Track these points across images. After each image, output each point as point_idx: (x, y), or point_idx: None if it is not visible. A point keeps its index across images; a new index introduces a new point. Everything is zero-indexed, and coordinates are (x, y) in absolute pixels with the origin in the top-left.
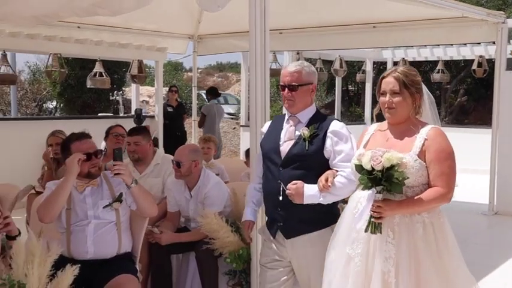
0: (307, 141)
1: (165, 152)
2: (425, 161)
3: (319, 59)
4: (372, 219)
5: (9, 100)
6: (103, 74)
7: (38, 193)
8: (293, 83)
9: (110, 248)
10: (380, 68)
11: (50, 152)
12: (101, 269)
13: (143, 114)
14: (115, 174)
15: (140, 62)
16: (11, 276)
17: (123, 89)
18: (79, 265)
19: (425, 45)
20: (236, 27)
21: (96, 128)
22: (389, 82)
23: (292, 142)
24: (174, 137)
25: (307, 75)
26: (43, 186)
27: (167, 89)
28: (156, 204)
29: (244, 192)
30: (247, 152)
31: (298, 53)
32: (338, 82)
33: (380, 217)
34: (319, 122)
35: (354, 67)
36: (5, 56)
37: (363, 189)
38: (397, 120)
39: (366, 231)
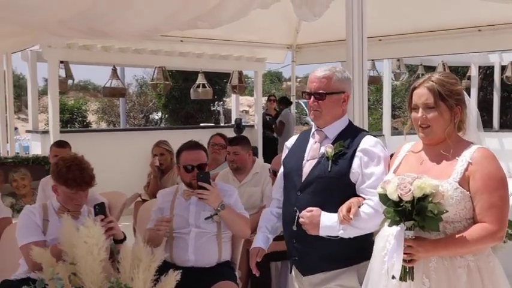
0: (330, 161)
1: (264, 161)
2: (469, 190)
3: (421, 65)
4: (402, 263)
5: (118, 112)
6: (206, 85)
7: (144, 201)
8: (320, 91)
9: (210, 258)
10: (486, 72)
11: (156, 161)
12: (202, 275)
13: (243, 123)
14: (199, 198)
15: (240, 73)
16: (119, 279)
17: (224, 99)
18: (181, 271)
19: None
20: (334, 35)
21: (198, 138)
22: (421, 94)
23: (315, 161)
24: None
25: (338, 82)
26: (149, 193)
27: (266, 98)
28: (255, 213)
29: None
30: None
31: (398, 60)
32: None
33: (411, 260)
34: (349, 138)
35: (458, 72)
36: (115, 70)
37: (390, 224)
38: (433, 140)
39: (393, 277)
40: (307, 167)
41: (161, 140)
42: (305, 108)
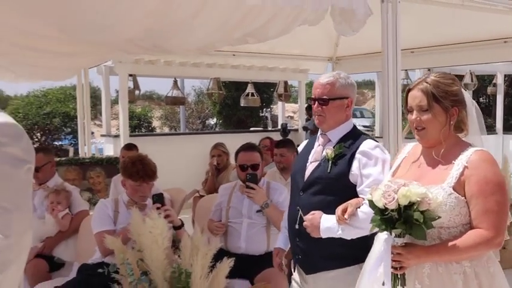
0: (330, 162)
1: None
2: (464, 196)
3: (450, 74)
4: (392, 270)
5: (179, 118)
6: (254, 94)
7: (201, 196)
8: (324, 97)
9: (260, 246)
10: None
11: (214, 160)
12: (252, 262)
13: (288, 128)
14: (247, 196)
15: (285, 83)
16: (180, 265)
17: (271, 106)
18: (234, 258)
19: None
20: (370, 48)
21: (248, 140)
22: (415, 96)
23: (317, 163)
24: None
25: (341, 88)
26: (206, 190)
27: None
28: None
29: None
30: None
31: (429, 70)
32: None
33: (401, 267)
34: (350, 141)
35: (484, 80)
36: (176, 82)
37: (380, 231)
38: (429, 142)
39: (383, 284)
40: (310, 168)
41: (219, 143)
42: None
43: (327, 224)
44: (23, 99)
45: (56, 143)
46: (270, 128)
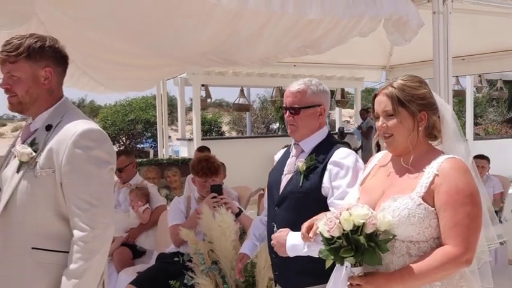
0: (302, 176)
1: (365, 164)
2: (434, 206)
3: (500, 79)
4: None
5: (245, 123)
6: None
7: None
8: (295, 106)
9: None
10: None
11: None
12: None
13: (345, 131)
14: None
15: (342, 90)
16: None
17: (329, 111)
18: None
19: None
20: (422, 57)
21: None
22: (381, 101)
23: (290, 176)
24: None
25: (313, 96)
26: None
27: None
28: None
29: None
30: None
31: (479, 76)
32: None
33: None
34: (322, 151)
35: None
36: (242, 91)
37: (338, 262)
38: (398, 150)
39: None
40: (284, 181)
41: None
42: None
43: (292, 242)
44: (111, 108)
45: (139, 145)
46: None
